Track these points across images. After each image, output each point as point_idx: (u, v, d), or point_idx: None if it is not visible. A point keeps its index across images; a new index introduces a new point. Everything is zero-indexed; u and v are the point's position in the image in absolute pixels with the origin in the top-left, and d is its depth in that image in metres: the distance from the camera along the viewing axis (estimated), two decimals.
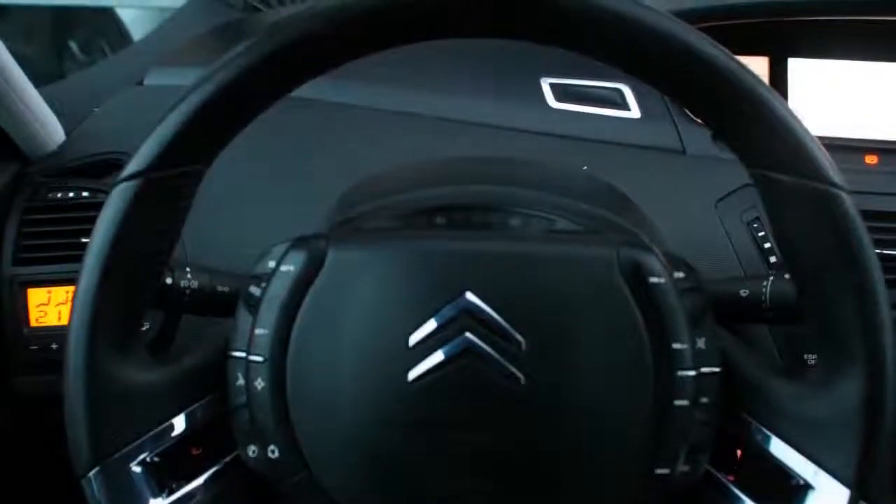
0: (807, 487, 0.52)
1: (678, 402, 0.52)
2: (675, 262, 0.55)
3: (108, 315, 0.52)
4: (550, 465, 0.53)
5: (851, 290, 0.49)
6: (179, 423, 0.55)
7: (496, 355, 0.51)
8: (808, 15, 0.90)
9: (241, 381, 0.54)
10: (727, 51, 0.49)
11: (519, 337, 0.52)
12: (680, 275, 0.54)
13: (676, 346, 0.52)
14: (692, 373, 0.53)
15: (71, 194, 0.87)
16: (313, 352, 0.53)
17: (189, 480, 0.55)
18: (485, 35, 0.51)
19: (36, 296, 0.85)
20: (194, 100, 0.50)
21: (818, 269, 0.51)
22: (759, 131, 0.50)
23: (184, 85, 0.51)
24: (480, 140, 0.88)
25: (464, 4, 0.50)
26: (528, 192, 0.65)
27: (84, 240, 0.66)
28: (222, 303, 0.60)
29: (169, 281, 0.59)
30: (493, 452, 0.53)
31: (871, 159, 0.90)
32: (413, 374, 0.52)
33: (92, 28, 2.20)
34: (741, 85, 0.49)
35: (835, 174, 0.49)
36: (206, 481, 0.56)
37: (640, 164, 0.87)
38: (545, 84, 0.91)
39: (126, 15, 2.09)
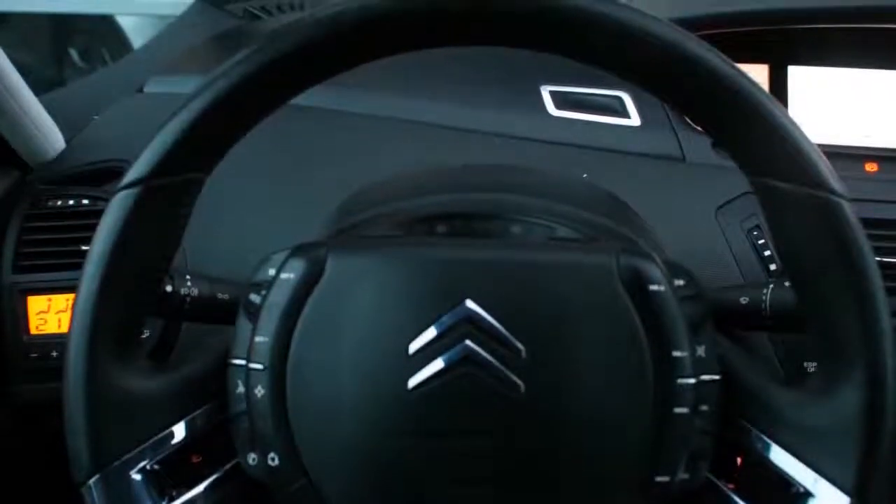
0: (807, 495, 0.52)
1: (678, 410, 0.52)
2: (674, 269, 0.55)
3: (108, 323, 0.52)
4: (550, 472, 0.53)
5: (851, 298, 0.49)
6: (179, 431, 0.55)
7: (496, 363, 0.51)
8: (808, 23, 0.90)
9: (241, 389, 0.54)
10: (727, 58, 0.49)
11: (519, 344, 0.52)
12: (680, 282, 0.54)
13: (676, 353, 0.52)
14: (692, 380, 0.53)
15: (71, 202, 0.87)
16: (313, 359, 0.53)
17: (189, 488, 0.55)
18: (483, 43, 0.51)
19: (36, 303, 0.84)
20: (194, 107, 0.50)
21: (818, 277, 0.51)
22: (760, 139, 0.50)
23: (184, 93, 0.51)
24: (480, 148, 0.88)
25: (462, 12, 0.50)
26: (528, 200, 0.65)
27: (84, 247, 0.66)
28: (222, 310, 0.60)
29: (169, 288, 0.59)
30: (492, 460, 0.53)
31: (871, 167, 0.90)
32: (413, 381, 0.52)
33: (92, 36, 2.20)
34: (741, 93, 0.49)
35: (835, 182, 0.49)
36: (206, 489, 0.56)
37: (640, 172, 0.87)
38: (545, 92, 0.91)
39: (126, 23, 2.09)
